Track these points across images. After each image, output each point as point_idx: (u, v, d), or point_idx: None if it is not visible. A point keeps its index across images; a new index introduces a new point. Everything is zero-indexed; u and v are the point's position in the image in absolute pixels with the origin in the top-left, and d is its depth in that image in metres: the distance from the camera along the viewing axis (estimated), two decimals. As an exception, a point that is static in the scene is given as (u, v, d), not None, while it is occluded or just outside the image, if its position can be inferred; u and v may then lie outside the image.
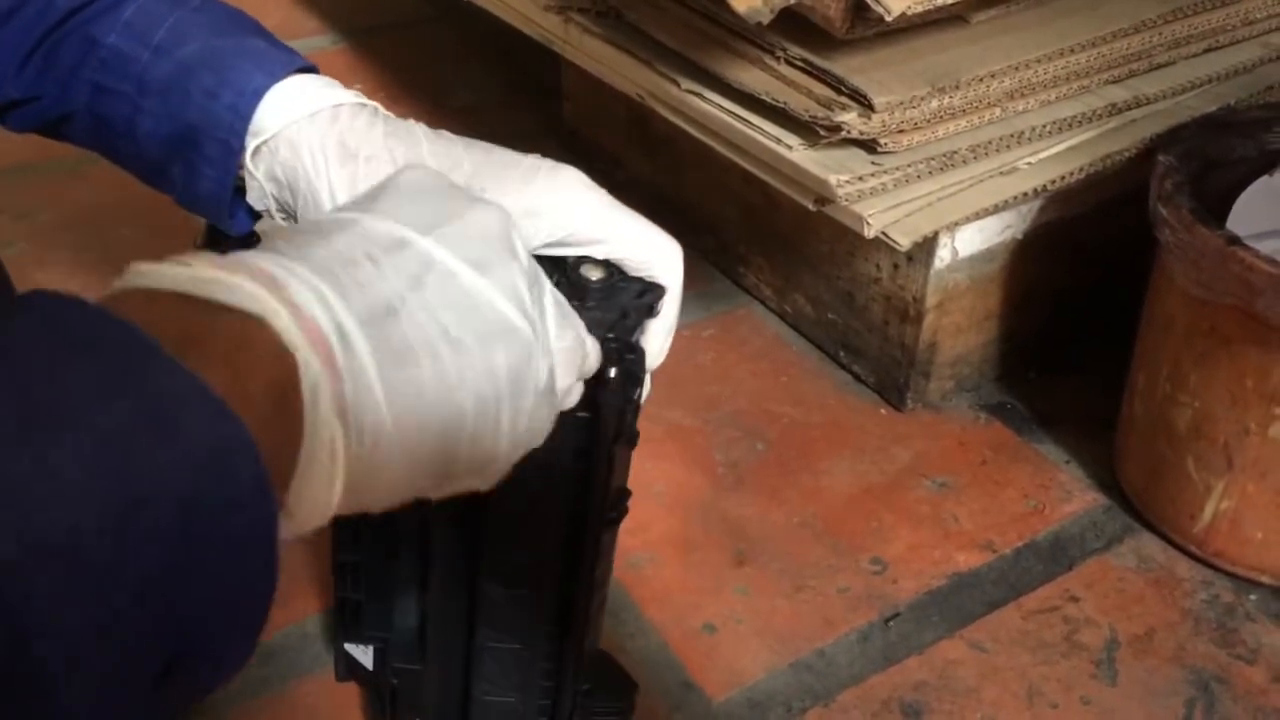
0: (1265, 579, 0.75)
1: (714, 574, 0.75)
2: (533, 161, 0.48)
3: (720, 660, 0.70)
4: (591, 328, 0.45)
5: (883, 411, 0.88)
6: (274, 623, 0.70)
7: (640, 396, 0.48)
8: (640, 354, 0.47)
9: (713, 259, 1.01)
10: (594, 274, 0.47)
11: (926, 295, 0.82)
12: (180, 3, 0.52)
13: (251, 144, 0.49)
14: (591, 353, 0.44)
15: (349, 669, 0.62)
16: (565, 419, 0.45)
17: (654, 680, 0.68)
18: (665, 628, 0.71)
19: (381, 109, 0.50)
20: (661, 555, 0.76)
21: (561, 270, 0.47)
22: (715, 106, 0.80)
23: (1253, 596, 0.75)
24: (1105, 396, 0.85)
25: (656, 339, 0.50)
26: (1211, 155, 0.76)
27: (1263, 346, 0.68)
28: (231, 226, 0.53)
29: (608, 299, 0.47)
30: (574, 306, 0.46)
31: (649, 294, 0.48)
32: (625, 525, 0.78)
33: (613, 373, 0.45)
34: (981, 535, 0.78)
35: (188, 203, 0.53)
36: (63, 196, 1.08)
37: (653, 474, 0.82)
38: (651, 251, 0.48)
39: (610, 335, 0.46)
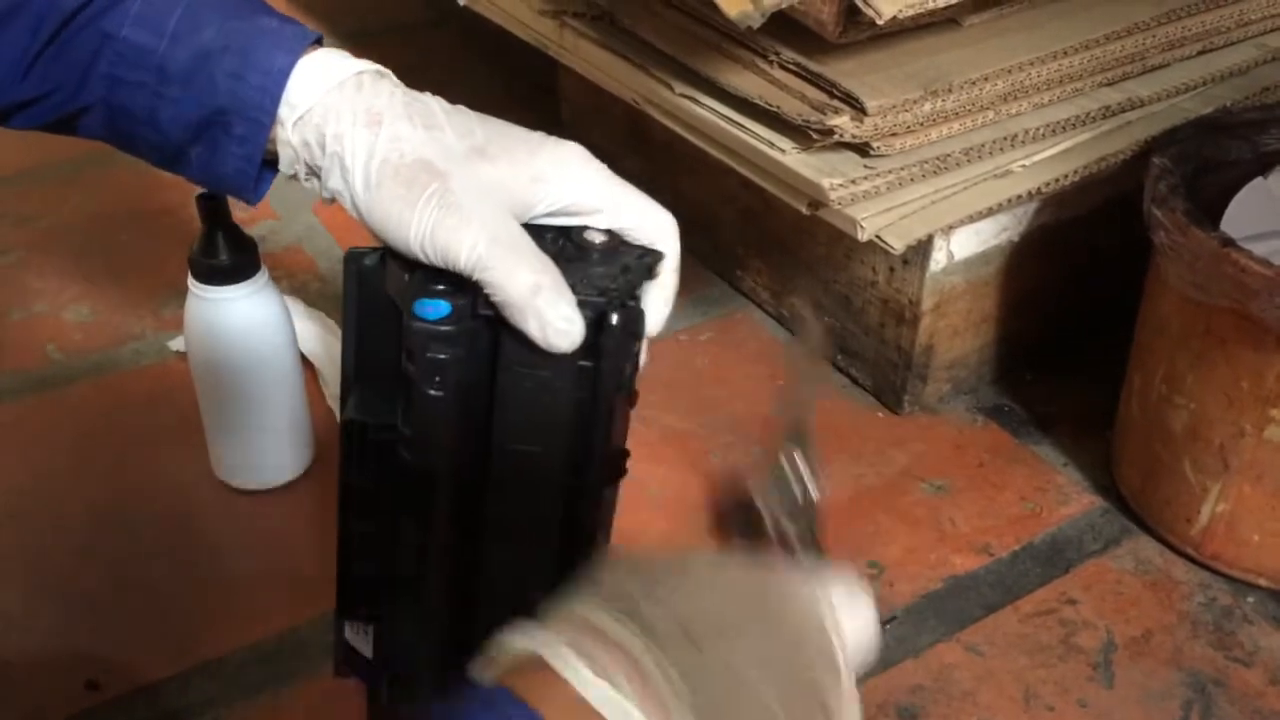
0: (1262, 581, 0.75)
1: (710, 578, 0.75)
2: (540, 136, 0.52)
3: (716, 664, 0.70)
4: (594, 281, 0.48)
5: (879, 415, 0.88)
6: (275, 625, 0.70)
7: (640, 353, 0.51)
8: (639, 305, 0.50)
9: (710, 262, 1.01)
10: (597, 238, 0.50)
11: (923, 298, 0.82)
12: None
13: (291, 118, 0.51)
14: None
15: (348, 661, 0.62)
16: (566, 368, 0.48)
17: (650, 684, 0.68)
18: (661, 632, 0.71)
19: (395, 78, 0.53)
20: (658, 559, 0.76)
21: (566, 235, 0.50)
22: (709, 110, 0.81)
23: (1250, 599, 0.74)
24: (1102, 398, 0.84)
25: (656, 305, 0.52)
26: (1206, 157, 0.76)
27: (1258, 348, 0.68)
28: (254, 198, 0.56)
29: (609, 259, 0.50)
30: (578, 264, 0.49)
31: (648, 256, 0.51)
32: (621, 529, 0.78)
33: (614, 319, 0.48)
34: (978, 538, 0.78)
35: (207, 180, 0.55)
36: (62, 202, 1.08)
37: (649, 477, 0.82)
38: (649, 221, 0.52)
39: (612, 287, 0.49)
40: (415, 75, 0.54)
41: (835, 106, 0.74)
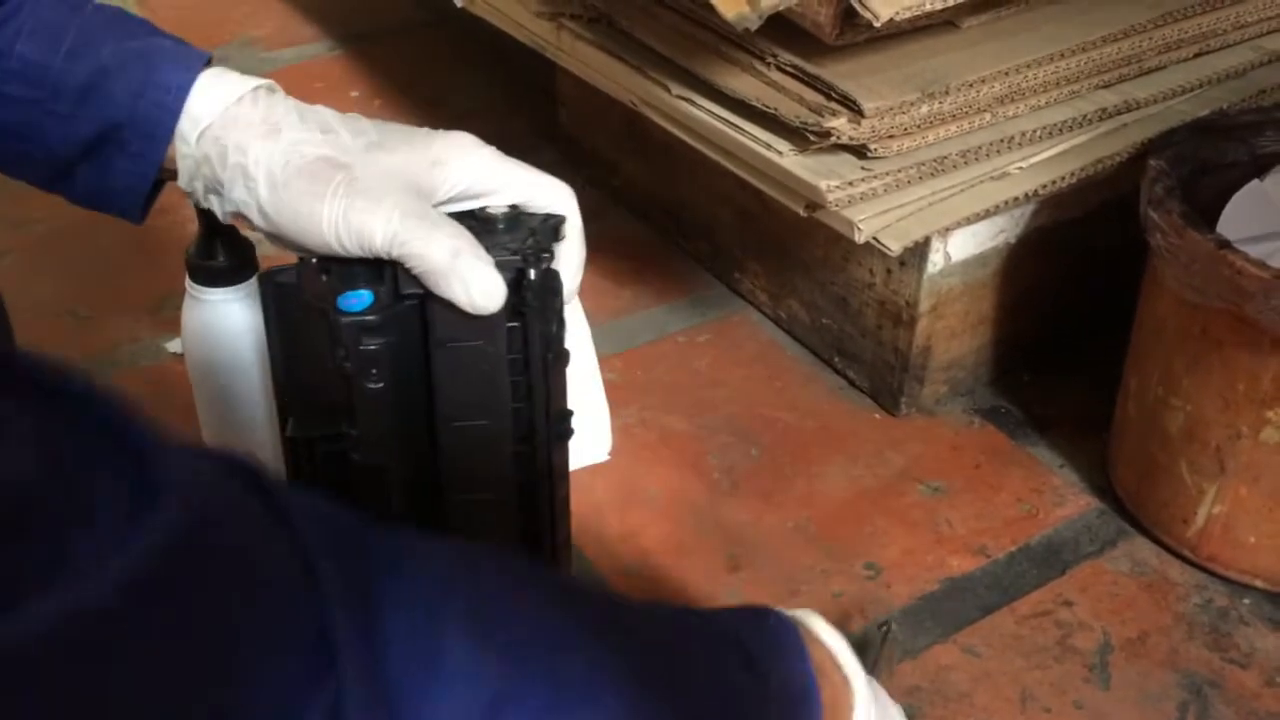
0: (1258, 583, 0.75)
1: (708, 579, 0.75)
2: (430, 129, 0.54)
3: (713, 666, 0.70)
4: (505, 246, 0.51)
5: (877, 416, 0.88)
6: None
7: (562, 310, 0.52)
8: (552, 259, 0.52)
9: (708, 264, 1.01)
10: (500, 210, 0.53)
11: (920, 300, 0.82)
12: (75, 9, 0.54)
13: (193, 132, 0.53)
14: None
15: None
16: (495, 332, 0.50)
17: (647, 686, 0.68)
18: (658, 633, 0.71)
19: (284, 92, 0.55)
20: (656, 560, 0.76)
21: (470, 215, 0.53)
22: (706, 112, 0.81)
23: (1246, 600, 0.75)
24: (1099, 400, 0.85)
25: (568, 264, 0.54)
26: (1202, 159, 0.77)
27: (1254, 350, 0.68)
28: (139, 218, 0.57)
29: (514, 227, 0.52)
30: (486, 235, 0.51)
31: (551, 219, 0.53)
32: (620, 531, 0.78)
33: (533, 274, 0.50)
34: (975, 539, 0.78)
35: (92, 199, 0.56)
36: (60, 204, 1.08)
37: (647, 479, 0.82)
38: (546, 191, 0.54)
39: (525, 247, 0.51)
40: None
41: (832, 109, 0.75)
